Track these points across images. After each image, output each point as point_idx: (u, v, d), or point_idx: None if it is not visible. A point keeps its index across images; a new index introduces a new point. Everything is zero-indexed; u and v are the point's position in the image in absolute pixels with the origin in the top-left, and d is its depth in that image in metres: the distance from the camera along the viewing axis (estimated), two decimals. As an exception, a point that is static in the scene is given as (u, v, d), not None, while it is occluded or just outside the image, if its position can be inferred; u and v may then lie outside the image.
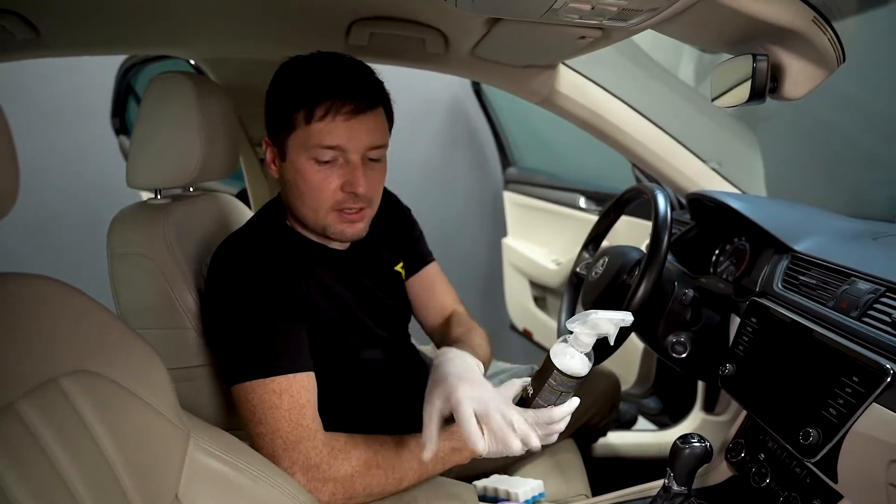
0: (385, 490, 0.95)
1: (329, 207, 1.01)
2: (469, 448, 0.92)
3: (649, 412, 2.05)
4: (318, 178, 0.99)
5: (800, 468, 0.96)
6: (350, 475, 0.92)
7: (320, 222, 1.03)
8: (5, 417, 0.54)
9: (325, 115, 0.95)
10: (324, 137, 0.96)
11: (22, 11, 1.12)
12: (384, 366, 1.18)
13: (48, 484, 0.55)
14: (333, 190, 0.99)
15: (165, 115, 1.11)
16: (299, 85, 0.98)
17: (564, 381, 0.87)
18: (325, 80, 0.97)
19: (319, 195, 1.00)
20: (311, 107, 0.96)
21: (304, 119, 0.96)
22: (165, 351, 0.99)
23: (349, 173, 0.99)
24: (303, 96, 0.96)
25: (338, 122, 0.96)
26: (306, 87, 0.97)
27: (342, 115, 0.96)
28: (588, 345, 0.87)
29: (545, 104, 1.56)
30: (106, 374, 0.63)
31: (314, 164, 0.98)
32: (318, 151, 0.97)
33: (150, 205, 1.14)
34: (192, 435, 0.73)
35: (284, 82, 1.01)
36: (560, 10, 0.85)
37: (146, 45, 1.60)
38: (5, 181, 0.53)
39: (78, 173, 2.88)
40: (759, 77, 0.92)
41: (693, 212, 1.56)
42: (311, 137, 0.97)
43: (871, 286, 0.92)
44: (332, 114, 0.95)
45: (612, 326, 0.85)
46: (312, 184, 0.99)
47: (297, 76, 1.00)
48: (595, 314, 0.86)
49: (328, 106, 0.95)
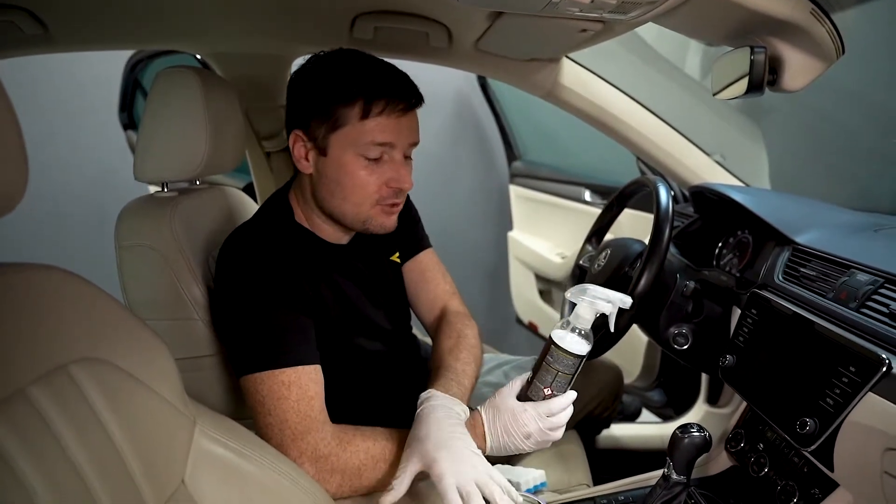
0: (388, 479, 0.95)
1: (374, 202, 1.03)
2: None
3: (653, 405, 2.06)
4: (364, 173, 1.01)
5: (798, 458, 0.97)
6: (358, 468, 0.93)
7: (362, 216, 1.05)
8: (17, 403, 0.55)
9: (382, 112, 0.97)
10: (377, 134, 0.98)
11: (30, 7, 1.14)
12: (387, 358, 1.20)
13: (59, 467, 0.57)
14: (379, 186, 1.02)
15: (172, 110, 1.12)
16: (350, 81, 0.98)
17: (560, 357, 0.89)
18: (380, 77, 0.99)
19: (365, 190, 1.02)
20: (368, 103, 0.97)
21: (359, 115, 0.98)
22: (173, 341, 1.01)
23: (394, 170, 1.02)
24: (357, 92, 0.97)
25: (391, 120, 0.98)
26: (360, 83, 0.97)
27: (396, 113, 0.98)
28: (587, 321, 0.88)
29: (549, 97, 1.56)
30: (113, 362, 0.65)
31: (363, 160, 1.00)
32: (369, 148, 0.99)
33: (157, 198, 1.16)
34: (198, 422, 0.75)
35: (326, 78, 1.00)
36: (560, 3, 0.86)
37: (153, 40, 1.61)
38: (15, 176, 0.54)
39: (85, 167, 2.91)
40: (757, 69, 0.93)
41: (696, 204, 1.56)
42: (364, 134, 0.98)
43: (870, 277, 0.93)
44: (388, 111, 0.98)
45: (609, 306, 0.87)
46: (359, 179, 1.01)
47: (342, 73, 1.00)
48: (594, 288, 0.88)
49: (384, 103, 0.97)
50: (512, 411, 0.94)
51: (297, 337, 0.99)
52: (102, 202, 2.87)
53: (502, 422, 0.94)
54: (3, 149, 0.53)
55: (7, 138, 0.53)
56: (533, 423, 0.93)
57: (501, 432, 0.95)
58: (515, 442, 0.94)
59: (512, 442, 0.94)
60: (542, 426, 0.93)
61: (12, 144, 0.54)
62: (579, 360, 0.90)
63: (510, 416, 0.94)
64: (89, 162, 2.91)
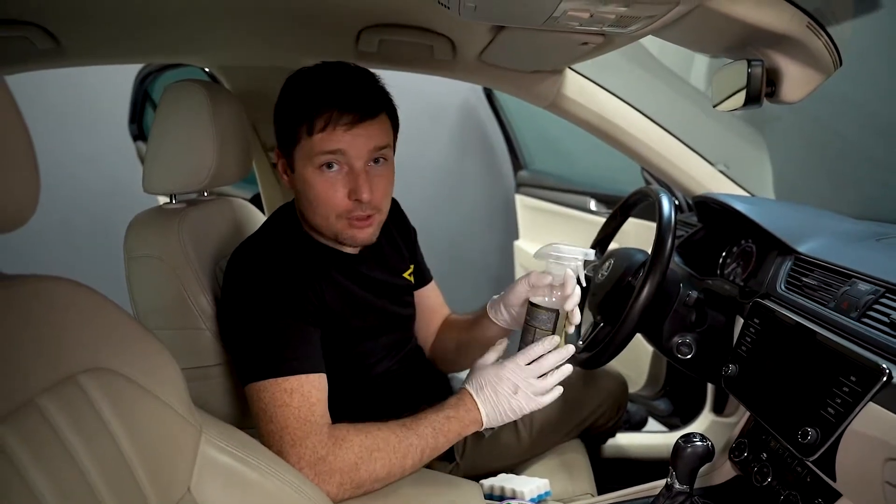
0: (391, 473, 0.96)
1: (337, 215, 1.04)
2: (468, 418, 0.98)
3: (659, 414, 2.05)
4: (324, 187, 1.02)
5: (801, 467, 0.97)
6: (354, 463, 0.93)
7: (331, 229, 1.06)
8: (27, 413, 0.56)
9: (325, 126, 0.98)
10: (324, 145, 0.99)
11: (43, 23, 1.16)
12: (393, 367, 1.21)
13: (67, 475, 0.58)
14: (340, 198, 1.02)
15: (180, 123, 1.14)
16: (301, 99, 1.01)
17: (536, 313, 0.97)
18: (325, 92, 1.00)
19: (327, 203, 1.03)
20: (311, 119, 0.99)
21: (307, 131, 1.00)
22: (180, 351, 1.03)
23: (353, 181, 1.01)
24: (304, 110, 1.00)
25: (338, 132, 0.99)
26: (307, 100, 1.00)
27: (342, 126, 0.98)
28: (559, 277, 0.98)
29: (552, 108, 1.57)
30: (121, 372, 0.66)
31: (319, 172, 1.01)
32: (320, 158, 1.00)
33: (165, 209, 1.17)
34: (204, 430, 0.76)
35: (289, 97, 1.05)
36: (560, 17, 0.87)
37: (162, 53, 1.63)
38: (27, 190, 0.55)
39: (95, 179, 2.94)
40: (754, 82, 0.94)
41: (700, 214, 1.57)
42: (313, 147, 1.00)
43: (871, 287, 0.93)
44: (332, 124, 0.98)
45: (574, 261, 0.98)
46: (319, 193, 1.02)
47: (299, 90, 1.03)
48: (558, 246, 0.98)
49: (327, 117, 0.98)
50: (493, 372, 0.98)
51: (302, 346, 1.00)
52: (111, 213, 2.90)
53: (489, 385, 0.98)
54: (16, 163, 0.54)
55: (19, 153, 0.54)
56: (514, 374, 0.97)
57: (490, 394, 0.98)
58: (506, 401, 0.97)
59: (503, 402, 0.97)
60: (525, 375, 0.97)
61: (24, 159, 0.55)
62: (554, 313, 0.96)
63: (493, 376, 0.98)
64: (99, 173, 2.95)
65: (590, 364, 1.24)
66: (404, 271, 1.28)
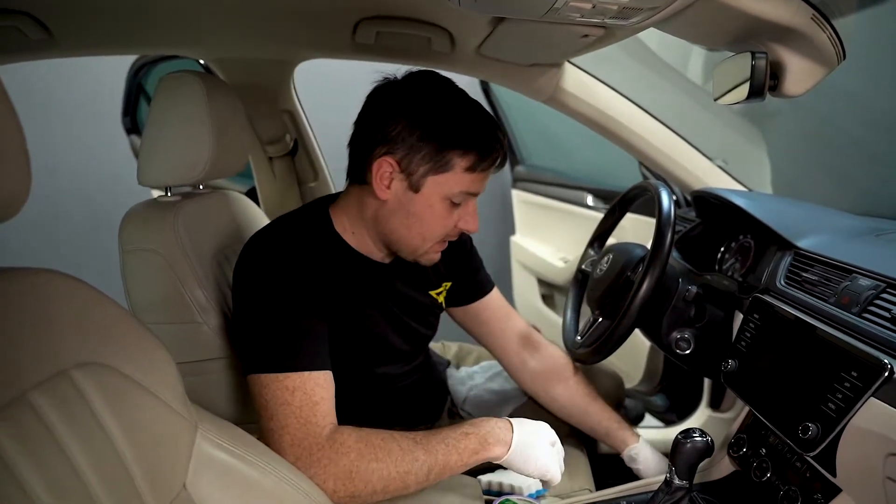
0: (389, 486, 0.93)
1: (437, 238, 1.07)
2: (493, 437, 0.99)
3: (656, 409, 2.05)
4: (444, 215, 1.04)
5: (800, 462, 0.96)
6: (349, 471, 0.91)
7: (422, 248, 1.07)
8: (19, 408, 0.55)
9: (486, 168, 1.02)
10: (473, 186, 1.03)
11: (34, 13, 1.15)
12: (401, 378, 1.21)
13: (60, 472, 0.57)
14: (450, 226, 1.06)
15: (175, 114, 1.13)
16: (471, 129, 1.00)
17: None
18: (491, 132, 1.02)
19: (438, 229, 1.05)
20: (479, 157, 1.00)
21: (467, 166, 1.00)
22: (177, 345, 1.02)
23: (470, 215, 1.07)
24: (473, 142, 0.99)
25: (486, 178, 1.04)
26: (479, 133, 1.00)
27: (492, 169, 1.04)
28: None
29: (551, 102, 1.56)
30: (115, 366, 0.65)
31: (448, 203, 1.03)
32: (462, 196, 1.03)
33: (160, 202, 1.16)
34: (200, 426, 0.75)
35: (448, 118, 1.00)
36: (561, 8, 0.86)
37: (156, 45, 1.62)
38: (17, 180, 0.54)
39: (88, 172, 2.92)
40: (758, 74, 0.93)
41: (698, 209, 1.56)
42: (463, 184, 1.01)
43: (871, 282, 0.93)
44: (489, 170, 1.04)
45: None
46: (440, 220, 1.04)
47: (466, 117, 1.01)
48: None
49: (490, 161, 1.02)
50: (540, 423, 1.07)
51: (309, 342, 0.98)
52: (106, 206, 2.88)
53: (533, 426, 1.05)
54: (6, 153, 0.53)
55: (10, 143, 0.53)
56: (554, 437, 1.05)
57: (529, 431, 1.03)
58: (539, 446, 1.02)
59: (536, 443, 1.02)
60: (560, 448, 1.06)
61: (15, 149, 0.54)
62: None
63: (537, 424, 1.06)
64: (92, 166, 2.93)
65: (588, 359, 1.24)
66: (433, 289, 1.26)
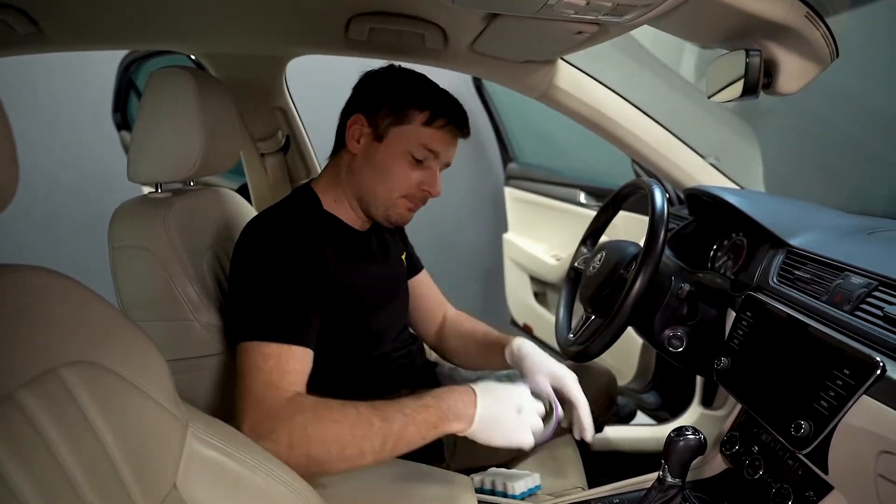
0: (344, 449, 0.90)
1: (401, 195, 1.16)
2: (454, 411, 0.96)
3: (648, 407, 2.06)
4: (406, 171, 1.15)
5: (792, 460, 0.97)
6: (303, 426, 0.89)
7: (388, 202, 1.17)
8: (6, 407, 0.54)
9: (442, 126, 1.14)
10: (431, 141, 1.13)
11: (23, 6, 1.13)
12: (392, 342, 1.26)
13: (48, 472, 0.56)
14: (412, 184, 1.16)
15: (166, 110, 1.12)
16: (429, 92, 1.16)
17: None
18: (451, 102, 1.17)
19: (401, 182, 1.15)
20: (434, 113, 1.13)
21: (424, 121, 1.13)
22: (167, 342, 1.01)
23: (430, 177, 1.17)
24: (429, 101, 1.14)
25: (447, 138, 1.15)
26: (434, 95, 1.16)
27: (450, 134, 1.16)
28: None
29: (544, 99, 1.56)
30: (105, 365, 0.64)
31: (409, 157, 1.14)
32: (422, 151, 1.13)
33: (150, 198, 1.15)
34: (191, 425, 0.74)
35: (409, 82, 1.17)
36: (555, 5, 0.86)
37: (147, 40, 1.60)
38: (4, 176, 0.53)
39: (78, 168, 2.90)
40: (752, 72, 0.93)
41: (691, 207, 1.56)
42: (421, 137, 1.13)
43: (864, 280, 0.93)
44: (447, 129, 1.15)
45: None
46: (400, 171, 1.14)
47: (426, 84, 1.17)
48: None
49: (446, 121, 1.14)
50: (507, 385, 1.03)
51: (296, 318, 1.00)
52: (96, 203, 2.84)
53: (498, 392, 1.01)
54: (-7, 148, 0.52)
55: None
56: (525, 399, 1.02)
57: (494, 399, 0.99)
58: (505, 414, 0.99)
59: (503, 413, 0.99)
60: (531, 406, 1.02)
61: (2, 144, 0.53)
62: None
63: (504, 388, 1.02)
64: (82, 162, 2.90)
65: (580, 357, 1.24)
66: (400, 255, 1.38)
